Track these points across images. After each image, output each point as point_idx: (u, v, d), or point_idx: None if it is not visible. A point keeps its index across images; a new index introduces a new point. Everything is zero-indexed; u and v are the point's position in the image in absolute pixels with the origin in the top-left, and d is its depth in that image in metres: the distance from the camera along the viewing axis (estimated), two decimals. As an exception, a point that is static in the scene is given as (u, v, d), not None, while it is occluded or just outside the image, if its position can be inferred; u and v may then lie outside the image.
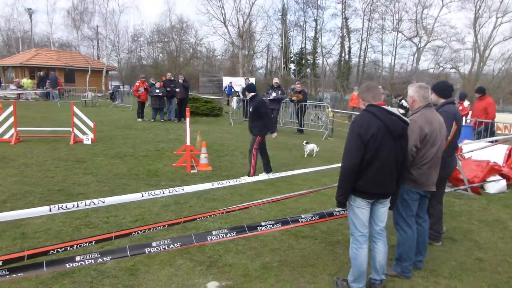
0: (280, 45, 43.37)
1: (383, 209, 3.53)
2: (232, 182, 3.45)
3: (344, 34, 44.03)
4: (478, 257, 4.51)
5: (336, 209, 3.94)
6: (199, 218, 3.33)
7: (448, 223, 5.49)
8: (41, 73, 28.93)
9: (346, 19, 43.71)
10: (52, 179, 6.94)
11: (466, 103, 13.49)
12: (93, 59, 38.68)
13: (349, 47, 44.46)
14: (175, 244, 2.98)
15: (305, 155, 10.28)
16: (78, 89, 29.45)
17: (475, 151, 7.64)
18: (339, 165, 3.33)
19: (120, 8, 51.49)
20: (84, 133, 10.72)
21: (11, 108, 10.40)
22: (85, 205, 2.55)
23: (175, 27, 46.81)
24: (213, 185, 3.24)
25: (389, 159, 3.31)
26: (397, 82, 36.65)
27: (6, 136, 10.31)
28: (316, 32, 44.93)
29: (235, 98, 20.90)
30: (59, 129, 11.26)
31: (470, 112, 12.95)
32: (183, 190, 2.98)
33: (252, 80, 26.08)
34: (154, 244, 2.95)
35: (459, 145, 6.51)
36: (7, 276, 2.34)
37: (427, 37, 40.79)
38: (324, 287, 3.69)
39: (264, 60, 49.87)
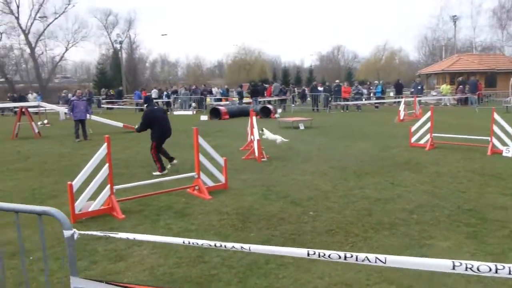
0: None
1: None
2: None
3: None
4: None
5: None
6: None
7: None
8: (460, 78, 28.57)
9: None
10: (463, 195, 6.15)
11: None
12: (520, 59, 34.30)
13: None
14: None
15: None
16: (499, 94, 27.03)
17: None
18: None
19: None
20: (504, 143, 9.24)
21: (428, 114, 10.41)
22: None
23: None
24: None
25: None
26: None
27: (422, 141, 10.41)
28: None
29: None
30: (475, 138, 10.25)
31: None
32: None
33: None
34: None
35: None
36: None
37: None
38: None
39: None
